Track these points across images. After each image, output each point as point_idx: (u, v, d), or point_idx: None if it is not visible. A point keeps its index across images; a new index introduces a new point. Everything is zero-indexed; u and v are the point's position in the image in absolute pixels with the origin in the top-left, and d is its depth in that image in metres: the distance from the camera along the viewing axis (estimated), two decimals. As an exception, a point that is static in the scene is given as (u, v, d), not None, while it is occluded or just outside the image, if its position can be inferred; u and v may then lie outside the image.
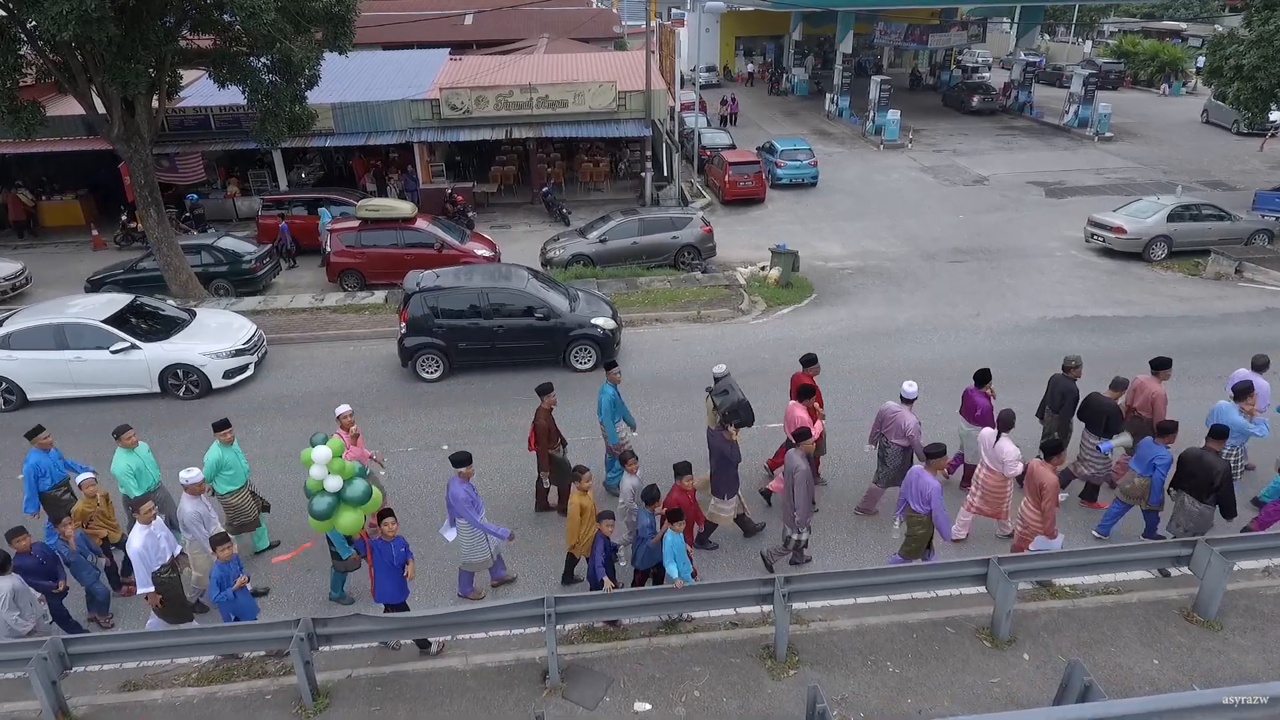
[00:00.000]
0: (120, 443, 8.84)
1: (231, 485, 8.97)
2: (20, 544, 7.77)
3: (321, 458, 7.75)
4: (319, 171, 26.99)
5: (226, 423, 9.00)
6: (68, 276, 19.27)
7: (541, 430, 9.81)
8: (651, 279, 17.81)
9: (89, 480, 8.55)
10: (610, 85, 23.57)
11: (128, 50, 13.55)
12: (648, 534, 7.94)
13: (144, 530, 7.68)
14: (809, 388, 9.68)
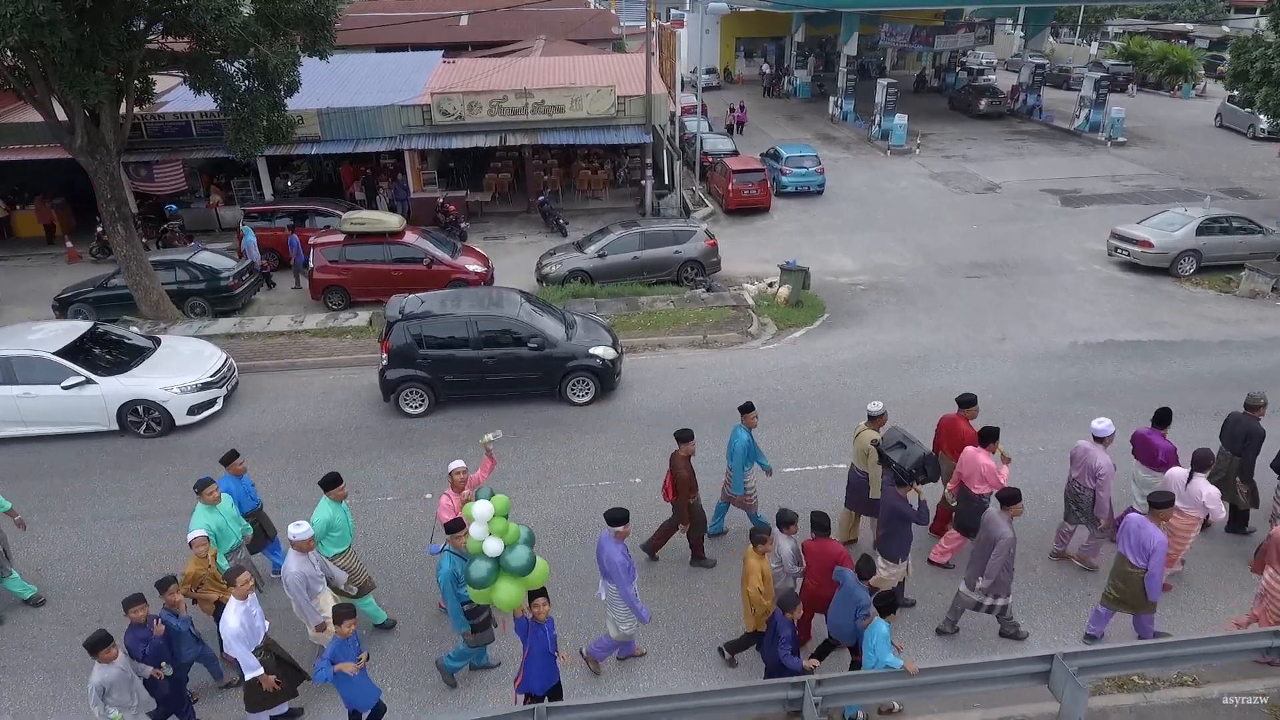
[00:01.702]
0: (202, 498, 7.83)
1: (338, 548, 7.92)
2: (137, 614, 6.70)
3: (482, 514, 6.61)
4: (306, 179, 25.89)
5: (338, 478, 7.88)
6: (39, 292, 18.20)
7: (682, 480, 8.80)
8: (654, 298, 16.74)
9: (201, 538, 7.46)
10: (609, 89, 22.52)
11: (86, 56, 12.47)
12: None
13: (240, 607, 6.66)
14: (992, 430, 8.54)
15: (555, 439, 11.94)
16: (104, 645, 6.24)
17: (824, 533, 7.44)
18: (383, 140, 22.45)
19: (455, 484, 8.05)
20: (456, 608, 7.20)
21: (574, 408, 12.72)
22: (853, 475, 9.17)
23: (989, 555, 7.45)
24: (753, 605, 7.23)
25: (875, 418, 8.88)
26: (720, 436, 11.77)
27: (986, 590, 7.62)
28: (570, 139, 22.69)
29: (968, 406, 9.16)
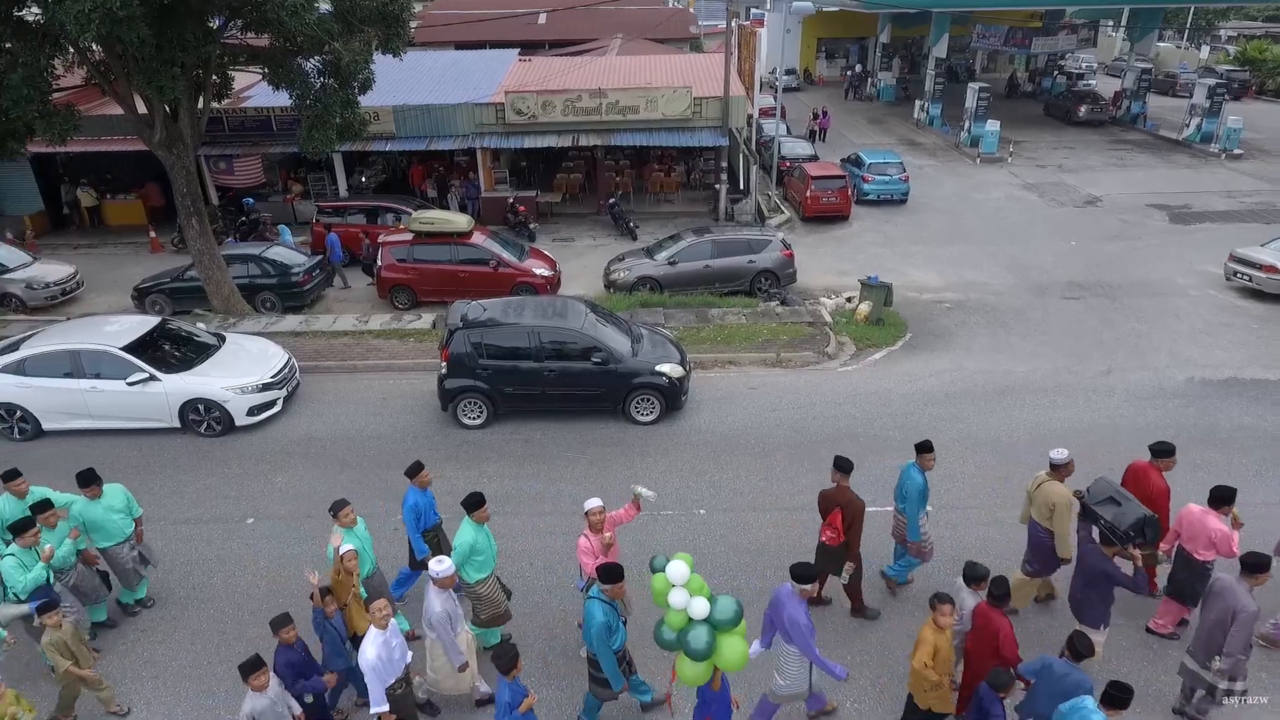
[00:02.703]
0: (339, 520, 7.46)
1: (481, 573, 7.45)
2: (287, 635, 6.43)
3: (679, 575, 5.93)
4: (380, 176, 26.00)
5: (482, 499, 7.44)
6: (122, 281, 18.56)
7: (857, 513, 7.83)
8: (725, 311, 15.96)
9: (351, 553, 7.07)
10: (685, 91, 21.81)
11: (165, 52, 12.43)
12: None
13: (380, 638, 6.29)
14: (1228, 491, 7.43)
15: (616, 461, 11.32)
16: (256, 670, 5.99)
17: (999, 603, 6.47)
18: (455, 138, 22.27)
19: (593, 524, 7.30)
20: (612, 663, 6.54)
21: (637, 427, 12.07)
22: (1033, 533, 8.06)
23: (1226, 630, 6.45)
24: (920, 680, 6.33)
25: (1059, 466, 7.84)
26: (794, 467, 11.03)
27: (1225, 672, 6.59)
28: (644, 140, 22.08)
29: (1163, 456, 7.97)
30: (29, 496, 7.89)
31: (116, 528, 8.07)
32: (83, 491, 7.92)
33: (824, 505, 8.00)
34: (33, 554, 7.17)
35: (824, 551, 8.03)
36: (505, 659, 5.94)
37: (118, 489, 8.23)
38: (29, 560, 7.12)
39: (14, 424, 11.87)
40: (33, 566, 7.12)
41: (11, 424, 11.88)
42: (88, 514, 7.90)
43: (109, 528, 8.02)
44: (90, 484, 7.91)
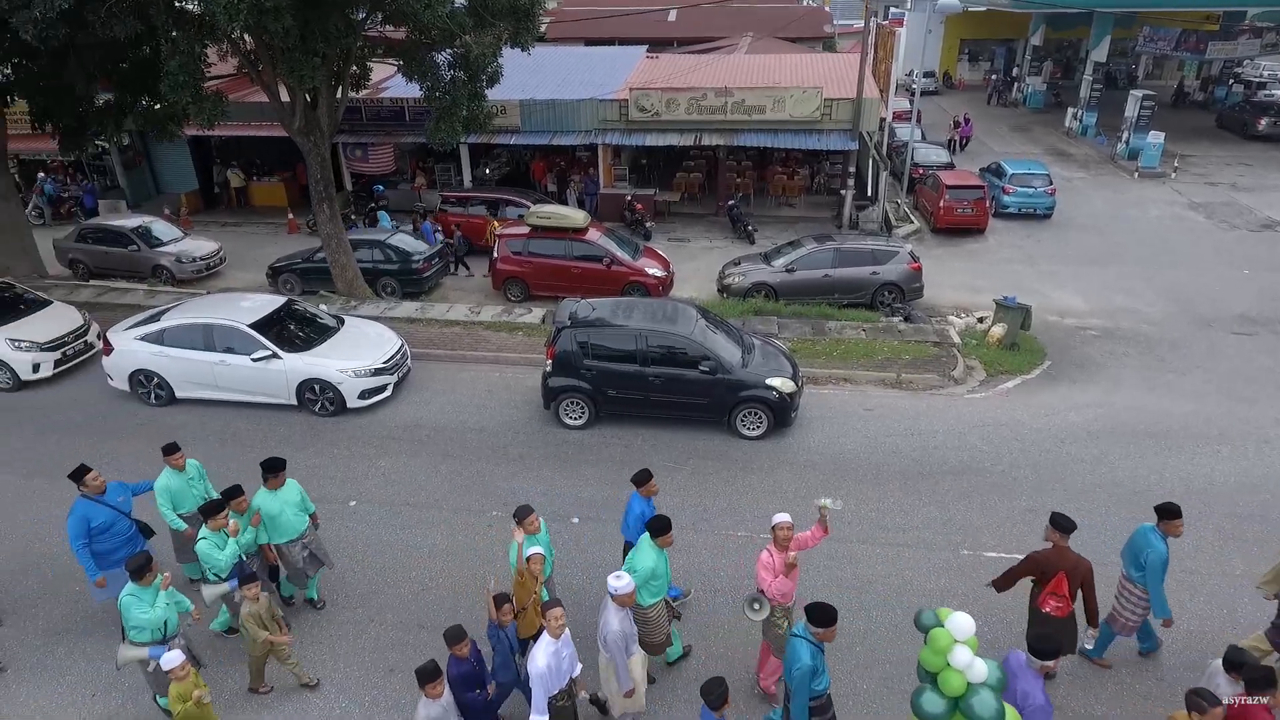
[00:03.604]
0: (524, 527, 7.19)
1: (655, 597, 7.08)
2: (461, 649, 6.27)
3: (964, 629, 5.39)
4: (504, 169, 26.45)
5: (668, 523, 6.96)
6: (260, 259, 19.59)
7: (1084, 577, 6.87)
8: (843, 324, 15.11)
9: (539, 557, 6.87)
10: (815, 91, 20.95)
11: (308, 43, 12.86)
12: None
13: (552, 646, 6.07)
14: None
15: (718, 475, 10.82)
16: (433, 679, 5.86)
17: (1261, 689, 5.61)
18: (578, 134, 22.30)
19: (779, 540, 6.84)
20: (804, 710, 6.01)
21: (743, 441, 11.52)
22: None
23: None
24: None
25: None
26: (909, 499, 10.20)
27: None
28: (768, 141, 21.38)
29: None
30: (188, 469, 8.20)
31: (290, 524, 7.90)
32: (265, 481, 7.78)
33: (1041, 569, 7.01)
34: (223, 535, 7.29)
35: (1047, 622, 7.00)
36: (715, 695, 5.59)
37: (294, 484, 8.03)
38: (219, 541, 7.25)
39: (151, 390, 12.60)
40: (225, 546, 7.25)
41: (149, 390, 12.61)
42: (266, 506, 7.76)
43: (284, 522, 7.86)
44: (275, 472, 7.75)
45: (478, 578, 9.04)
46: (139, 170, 25.38)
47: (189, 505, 8.18)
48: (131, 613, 6.59)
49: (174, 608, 6.83)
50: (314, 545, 8.21)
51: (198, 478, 8.39)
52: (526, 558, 6.92)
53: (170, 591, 6.84)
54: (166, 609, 6.71)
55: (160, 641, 6.71)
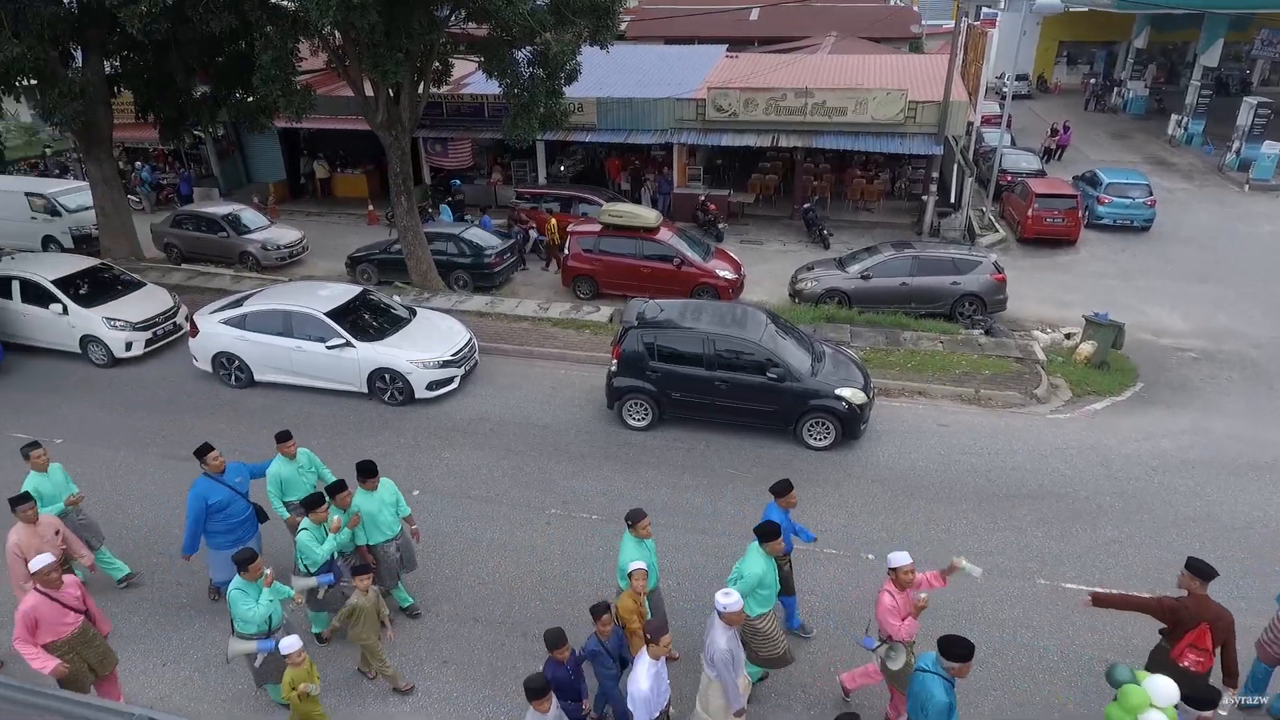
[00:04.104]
0: (636, 530, 7.00)
1: (764, 607, 6.79)
2: (561, 654, 6.09)
3: (1166, 695, 5.21)
4: (579, 166, 26.57)
5: (777, 529, 6.70)
6: (340, 248, 20.18)
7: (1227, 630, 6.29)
8: (920, 335, 14.57)
9: (640, 570, 6.60)
10: (899, 94, 20.30)
11: (393, 39, 13.11)
12: None
13: (653, 669, 5.76)
14: None
15: (781, 485, 10.52)
16: (543, 694, 5.64)
17: None
18: (654, 133, 22.20)
19: (901, 582, 6.48)
20: None
21: (808, 452, 11.19)
22: None
23: None
24: None
25: None
26: (983, 522, 9.71)
27: None
28: (848, 144, 20.83)
29: None
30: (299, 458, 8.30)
31: (387, 524, 7.78)
32: (362, 483, 7.66)
33: (1177, 619, 6.42)
34: (323, 529, 7.28)
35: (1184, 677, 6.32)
36: None
37: (389, 485, 7.92)
38: (319, 535, 7.25)
39: (232, 372, 13.05)
40: (324, 541, 7.26)
41: (230, 372, 13.07)
42: (365, 505, 7.66)
43: (381, 522, 7.74)
44: (369, 476, 7.66)
45: (534, 574, 9.03)
46: (232, 160, 26.50)
47: (299, 493, 8.18)
48: (238, 607, 6.64)
49: (278, 604, 6.84)
50: (404, 548, 8.09)
51: (309, 466, 8.40)
52: (629, 572, 6.63)
53: (274, 588, 6.83)
54: (270, 605, 6.73)
55: (265, 635, 6.73)
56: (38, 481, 8.07)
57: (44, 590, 6.44)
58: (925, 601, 6.51)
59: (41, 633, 6.45)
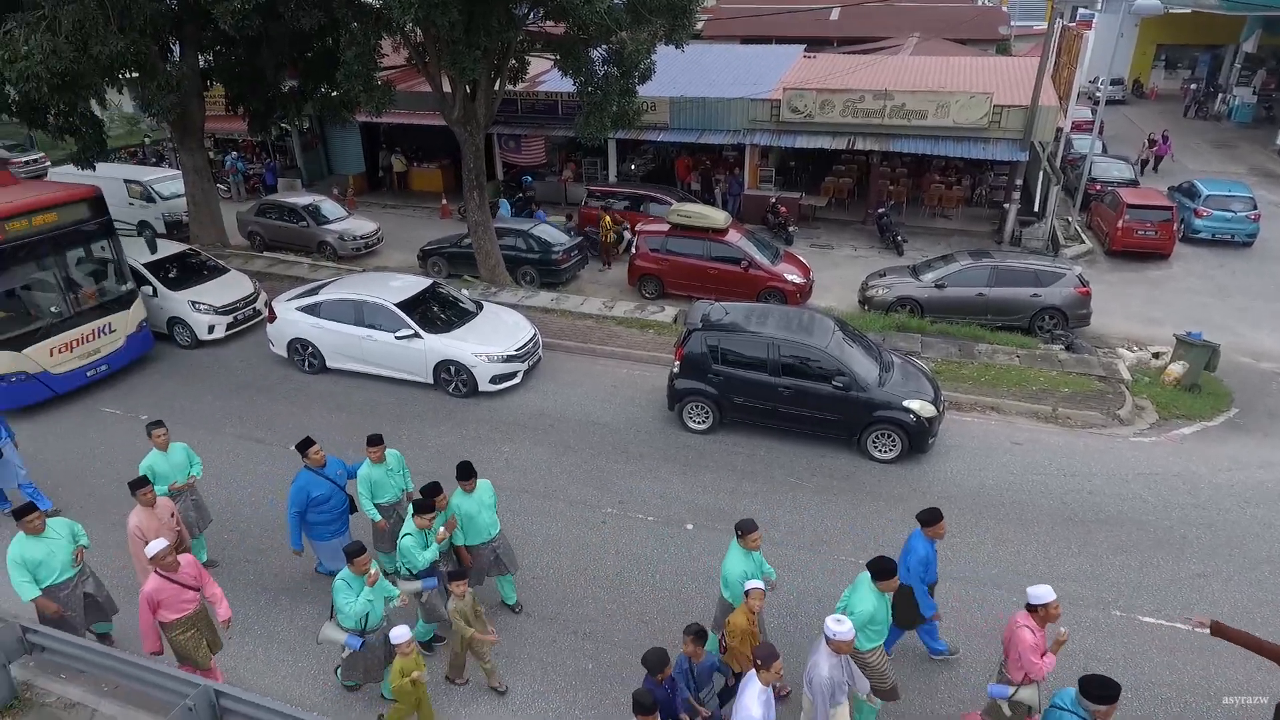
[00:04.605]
0: (745, 542, 6.81)
1: (874, 642, 6.53)
2: (663, 675, 5.88)
3: None
4: (650, 165, 26.55)
5: (891, 566, 6.35)
6: (413, 241, 20.63)
7: None
8: (995, 348, 14.02)
9: (758, 590, 6.45)
10: (984, 97, 19.60)
11: (471, 36, 13.30)
12: None
13: (764, 695, 5.58)
14: None
15: (842, 496, 10.28)
16: (649, 711, 5.50)
17: None
18: (726, 133, 22.00)
19: (1049, 618, 6.08)
20: None
21: (873, 464, 10.88)
22: None
23: None
24: None
25: None
26: (1055, 546, 9.28)
27: None
28: (927, 149, 20.22)
29: None
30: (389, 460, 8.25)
31: (486, 525, 7.76)
32: (460, 485, 7.64)
33: None
34: (425, 536, 7.25)
35: None
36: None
37: (487, 486, 7.89)
38: (422, 541, 7.22)
39: (305, 358, 13.46)
40: (427, 547, 7.23)
41: (304, 358, 13.48)
42: (465, 507, 7.65)
43: (480, 524, 7.71)
44: (467, 477, 7.61)
45: (587, 572, 9.02)
46: (314, 152, 27.42)
47: (389, 496, 8.24)
48: (338, 597, 6.67)
49: (379, 603, 6.81)
50: (502, 549, 8.04)
51: (398, 469, 8.39)
52: (747, 591, 6.39)
53: (377, 586, 6.76)
54: (368, 603, 6.69)
55: (359, 632, 6.73)
56: (155, 460, 8.30)
57: (163, 573, 6.66)
58: (1066, 635, 6.09)
59: (164, 612, 6.73)
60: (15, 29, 11.83)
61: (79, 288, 12.69)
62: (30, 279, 12.15)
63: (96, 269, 13.13)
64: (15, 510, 7.17)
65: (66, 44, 11.79)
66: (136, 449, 9.92)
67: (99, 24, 11.90)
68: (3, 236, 11.39)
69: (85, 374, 12.68)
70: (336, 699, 7.58)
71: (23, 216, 11.65)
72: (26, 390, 11.98)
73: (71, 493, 10.39)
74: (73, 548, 7.37)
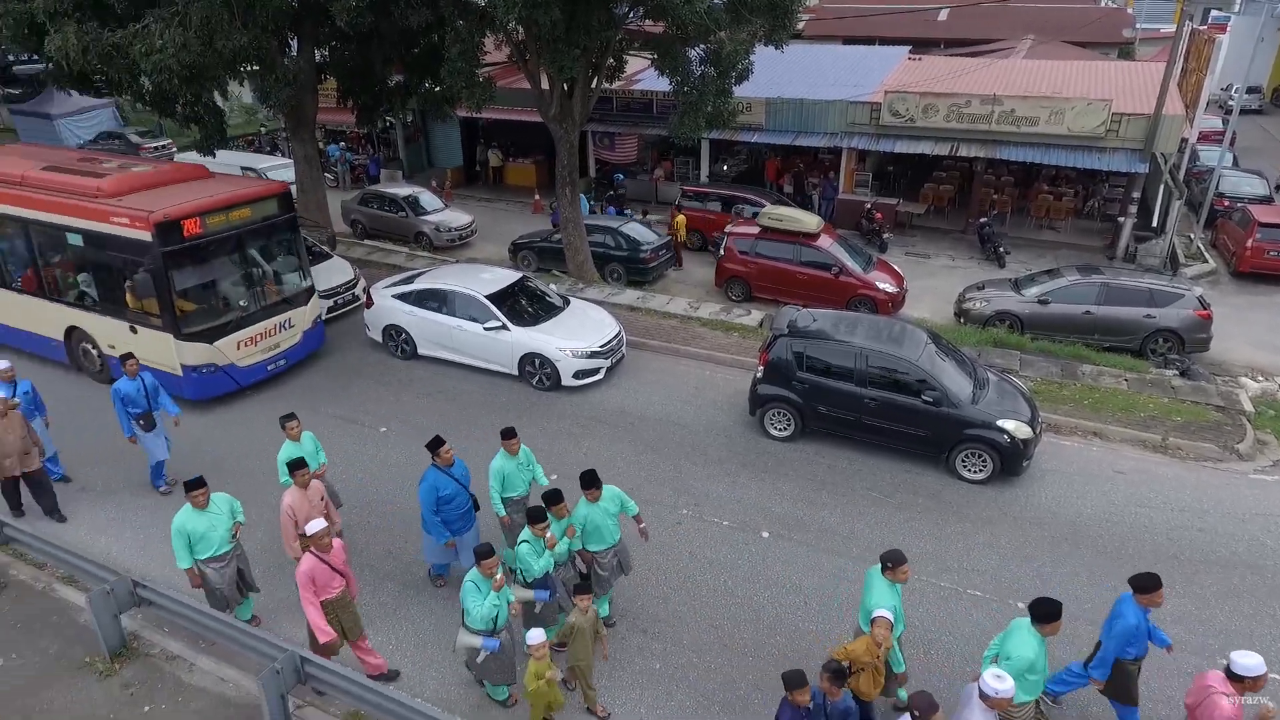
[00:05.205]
0: (893, 574, 6.49)
1: (1028, 695, 6.09)
2: (801, 696, 5.66)
3: None
4: (742, 166, 26.31)
5: (1054, 611, 5.97)
6: (505, 234, 21.07)
7: None
8: (1101, 370, 13.25)
9: (884, 618, 6.12)
10: (1102, 104, 18.55)
11: (571, 35, 13.45)
12: None
13: None
14: None
15: (927, 515, 9.91)
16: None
17: None
18: (823, 135, 21.57)
19: (1253, 689, 5.63)
20: None
21: (961, 484, 10.45)
22: None
23: None
24: None
25: None
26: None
27: None
28: (1037, 157, 19.28)
29: None
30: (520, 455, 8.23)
31: (610, 532, 7.67)
32: (585, 493, 7.50)
33: None
34: (542, 543, 7.14)
35: None
36: None
37: (613, 492, 7.73)
38: (539, 549, 7.11)
39: (399, 344, 13.92)
40: (543, 555, 7.12)
41: (398, 344, 13.94)
42: (591, 515, 7.51)
43: (604, 531, 7.62)
44: (591, 486, 7.47)
45: (660, 573, 9.00)
46: (416, 145, 28.35)
47: (519, 490, 8.27)
48: (467, 599, 6.63)
49: (504, 606, 6.77)
50: (623, 554, 7.94)
51: (527, 463, 8.40)
52: (873, 618, 6.13)
53: (504, 592, 6.73)
54: (495, 606, 6.64)
55: (491, 633, 6.71)
56: (289, 450, 8.45)
57: (317, 554, 6.88)
58: (1273, 711, 5.60)
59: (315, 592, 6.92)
60: (152, 24, 12.64)
61: (265, 283, 12.78)
62: (222, 273, 12.23)
63: (282, 264, 13.16)
64: (186, 483, 7.46)
65: (195, 38, 12.51)
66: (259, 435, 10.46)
67: (225, 20, 12.58)
68: (202, 230, 11.50)
69: (266, 368, 12.80)
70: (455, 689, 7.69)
71: (221, 211, 11.76)
72: (214, 382, 12.17)
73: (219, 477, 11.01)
74: (230, 524, 7.66)
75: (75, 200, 11.86)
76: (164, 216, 11.10)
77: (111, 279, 12.08)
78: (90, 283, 12.49)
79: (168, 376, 11.77)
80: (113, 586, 7.61)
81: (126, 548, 9.50)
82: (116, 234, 11.42)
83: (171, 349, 11.79)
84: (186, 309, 11.76)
